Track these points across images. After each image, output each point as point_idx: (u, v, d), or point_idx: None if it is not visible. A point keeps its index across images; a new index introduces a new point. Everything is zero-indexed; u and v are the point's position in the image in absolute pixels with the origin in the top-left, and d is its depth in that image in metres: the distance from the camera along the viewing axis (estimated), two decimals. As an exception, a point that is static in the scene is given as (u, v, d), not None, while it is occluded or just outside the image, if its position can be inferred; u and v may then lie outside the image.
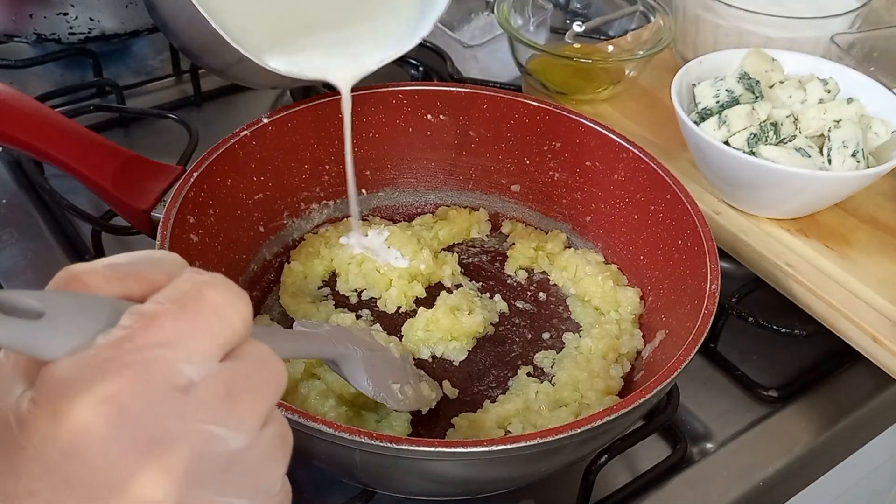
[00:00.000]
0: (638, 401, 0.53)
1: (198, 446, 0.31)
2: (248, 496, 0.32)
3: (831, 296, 0.72)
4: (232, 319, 0.32)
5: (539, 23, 0.99)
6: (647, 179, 0.74)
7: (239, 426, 0.32)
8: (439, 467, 0.53)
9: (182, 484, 0.30)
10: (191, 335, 0.31)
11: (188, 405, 0.31)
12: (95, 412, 0.29)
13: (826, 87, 0.81)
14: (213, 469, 0.31)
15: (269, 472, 0.34)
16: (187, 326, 0.31)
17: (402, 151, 0.82)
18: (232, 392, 0.32)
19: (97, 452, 0.29)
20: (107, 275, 0.33)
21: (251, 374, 0.33)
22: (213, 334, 0.32)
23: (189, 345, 0.31)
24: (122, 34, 1.00)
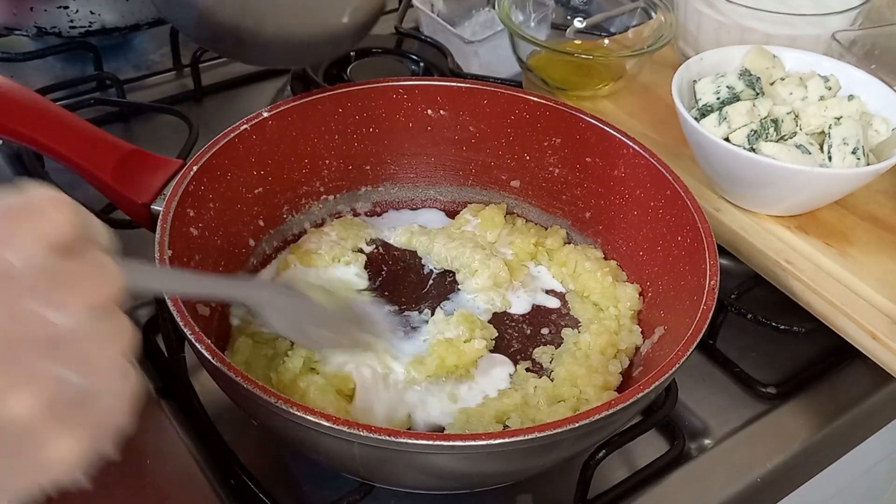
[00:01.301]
0: (636, 396, 0.53)
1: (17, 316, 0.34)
2: (79, 371, 0.36)
3: (830, 293, 0.72)
4: (56, 220, 0.36)
5: (540, 19, 0.99)
6: (648, 176, 0.74)
7: (62, 308, 0.36)
8: (437, 461, 0.53)
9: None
10: (15, 230, 0.36)
11: (10, 286, 0.35)
12: None
13: (827, 84, 0.81)
14: (33, 338, 0.35)
15: (101, 355, 0.37)
16: (11, 224, 0.36)
17: (402, 146, 0.82)
18: (57, 278, 0.36)
19: None
20: None
21: (80, 268, 0.37)
22: (37, 231, 0.36)
23: (13, 238, 0.36)
24: (123, 28, 1.00)
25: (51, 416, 0.35)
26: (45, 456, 0.35)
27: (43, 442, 0.35)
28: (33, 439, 0.35)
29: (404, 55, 1.07)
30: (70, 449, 0.36)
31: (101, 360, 0.37)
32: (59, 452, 0.35)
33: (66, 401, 0.36)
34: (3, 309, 0.34)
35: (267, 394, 0.51)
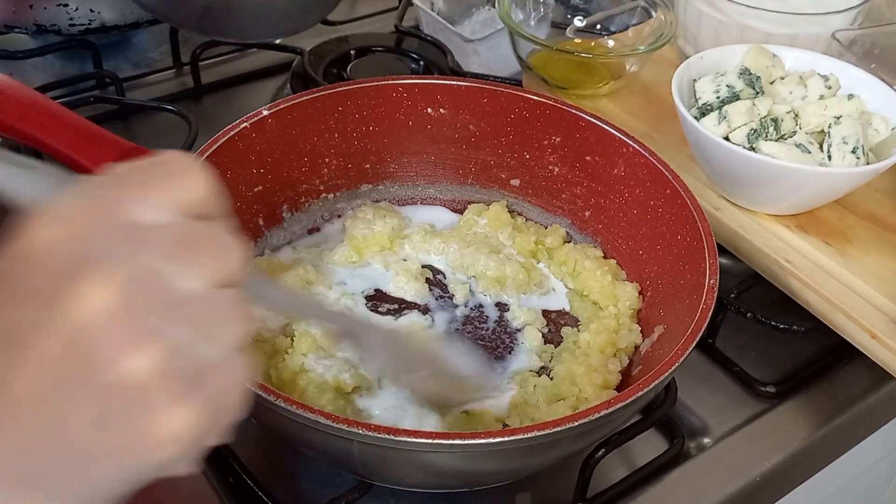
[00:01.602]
0: (635, 395, 0.53)
1: (141, 270, 0.33)
2: (195, 338, 0.34)
3: (830, 292, 0.72)
4: (192, 184, 0.36)
5: (540, 17, 0.99)
6: (647, 174, 0.74)
7: (188, 271, 0.34)
8: (436, 459, 0.53)
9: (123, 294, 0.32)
10: (150, 185, 0.35)
11: (141, 238, 0.34)
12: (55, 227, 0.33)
13: (827, 83, 0.80)
14: (160, 298, 0.33)
15: (219, 329, 0.35)
16: (148, 178, 0.35)
17: (402, 145, 0.82)
18: (188, 243, 0.35)
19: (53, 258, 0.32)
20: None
21: (209, 237, 0.35)
22: (173, 192, 0.35)
23: (148, 194, 0.35)
24: (122, 26, 1.00)
25: (167, 383, 0.33)
26: (155, 427, 0.33)
27: (155, 409, 0.33)
28: (146, 405, 0.33)
29: (404, 54, 1.06)
30: (182, 423, 0.33)
31: (222, 335, 0.35)
32: (171, 426, 0.33)
33: (184, 370, 0.33)
34: (131, 266, 0.33)
35: (266, 391, 0.51)
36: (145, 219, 0.34)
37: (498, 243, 0.78)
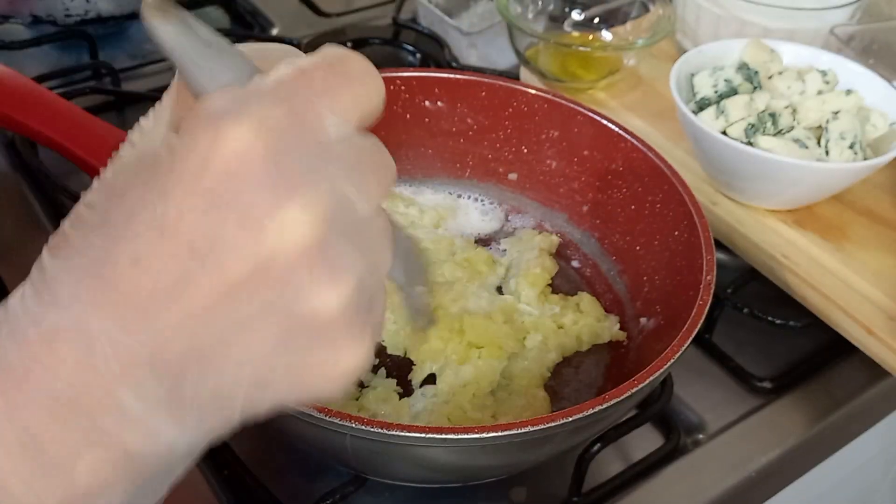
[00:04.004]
0: (630, 390, 0.53)
1: (336, 197, 0.31)
2: (368, 265, 0.32)
3: (826, 287, 0.72)
4: (371, 90, 0.33)
5: (538, 11, 0.98)
6: (645, 169, 0.73)
7: (365, 195, 0.32)
8: (430, 454, 0.53)
9: (324, 224, 0.30)
10: (338, 91, 0.32)
11: (330, 157, 0.31)
12: (257, 135, 0.29)
13: (825, 78, 0.80)
14: (345, 226, 0.31)
15: (381, 252, 0.34)
16: (336, 83, 0.32)
17: (399, 138, 0.82)
18: (362, 161, 0.32)
19: (253, 177, 0.29)
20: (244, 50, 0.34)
21: (375, 153, 0.33)
22: (356, 97, 0.32)
23: (336, 99, 0.32)
24: (119, 17, 0.99)
25: (351, 321, 0.31)
26: (333, 363, 0.32)
27: (337, 346, 0.32)
28: (330, 339, 0.31)
29: (401, 46, 1.06)
30: (357, 360, 0.32)
31: (383, 258, 0.34)
32: (347, 363, 0.32)
33: (363, 301, 0.32)
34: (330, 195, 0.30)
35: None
36: (334, 132, 0.32)
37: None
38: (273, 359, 0.31)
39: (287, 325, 0.31)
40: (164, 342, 0.30)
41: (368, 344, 0.33)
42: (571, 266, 0.79)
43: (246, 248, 0.29)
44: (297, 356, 0.31)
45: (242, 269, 0.29)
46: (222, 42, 0.32)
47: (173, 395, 0.30)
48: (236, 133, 0.29)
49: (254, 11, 1.14)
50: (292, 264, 0.30)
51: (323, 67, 0.32)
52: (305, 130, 0.31)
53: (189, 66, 0.32)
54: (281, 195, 0.29)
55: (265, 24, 1.12)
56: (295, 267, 0.30)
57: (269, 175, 0.29)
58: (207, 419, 0.32)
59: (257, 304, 0.30)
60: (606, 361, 0.71)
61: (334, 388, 0.33)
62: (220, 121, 0.30)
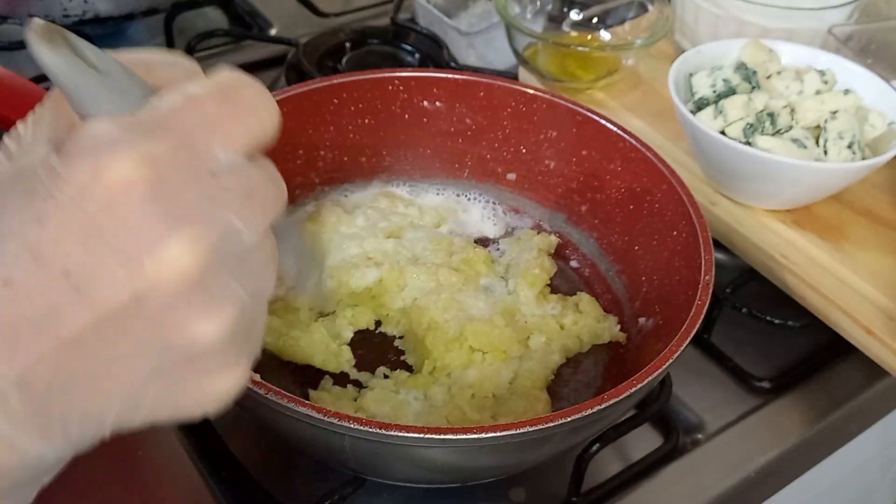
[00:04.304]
0: (629, 390, 0.53)
1: (221, 230, 0.31)
2: (251, 292, 0.33)
3: (825, 287, 0.72)
4: (265, 120, 0.33)
5: (536, 11, 0.98)
6: (644, 169, 0.73)
7: (253, 224, 0.32)
8: (428, 454, 0.53)
9: (207, 259, 0.30)
10: (230, 123, 0.32)
11: (217, 190, 0.31)
12: (138, 169, 0.29)
13: (823, 78, 0.80)
14: (231, 256, 0.31)
15: (266, 277, 0.34)
16: (228, 114, 0.32)
17: (398, 138, 0.82)
18: (252, 191, 0.32)
19: (134, 210, 0.29)
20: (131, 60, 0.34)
21: (267, 181, 0.33)
22: (249, 128, 0.33)
23: (227, 132, 0.32)
24: (117, 17, 0.99)
25: (228, 349, 0.32)
26: (209, 386, 0.32)
27: (213, 370, 0.32)
28: (205, 366, 0.32)
29: (400, 46, 1.06)
30: (231, 385, 0.33)
31: (267, 284, 0.34)
32: (225, 384, 0.33)
33: (243, 328, 0.32)
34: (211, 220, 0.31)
35: (256, 385, 0.51)
36: (224, 164, 0.32)
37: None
38: (145, 386, 0.31)
39: (161, 357, 0.31)
40: (33, 368, 0.29)
41: (244, 368, 0.33)
42: (570, 266, 0.79)
43: (122, 281, 0.29)
44: (171, 383, 0.32)
45: (117, 303, 0.29)
46: (112, 65, 0.32)
47: (41, 415, 0.30)
48: (119, 165, 0.29)
49: (252, 12, 1.14)
50: (170, 299, 0.30)
51: (215, 97, 0.32)
52: (193, 164, 0.31)
53: (75, 91, 0.32)
54: (162, 230, 0.29)
55: (264, 24, 1.12)
56: (173, 301, 0.30)
57: (150, 209, 0.29)
58: (76, 436, 0.32)
59: (131, 337, 0.30)
60: (605, 361, 0.71)
61: (208, 411, 0.33)
62: (104, 151, 0.29)
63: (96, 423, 0.32)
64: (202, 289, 0.30)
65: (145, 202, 0.29)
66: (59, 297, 0.29)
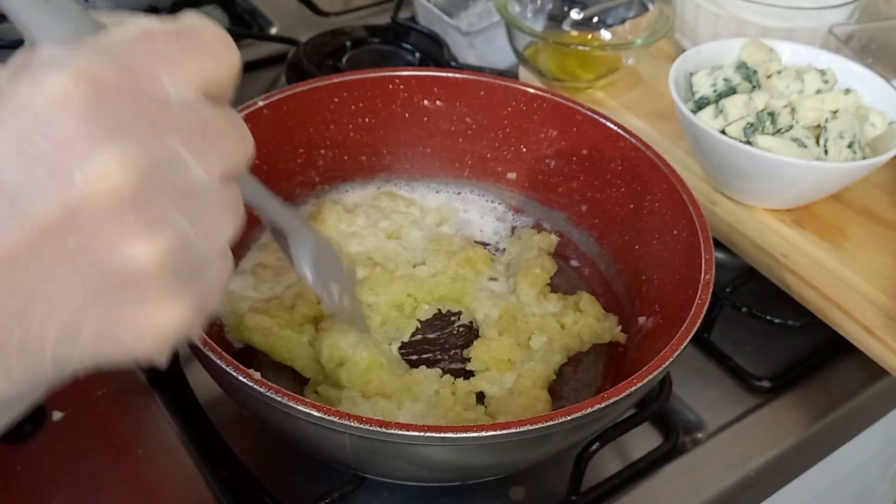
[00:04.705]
0: (629, 389, 0.53)
1: (163, 156, 0.31)
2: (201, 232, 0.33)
3: (825, 287, 0.72)
4: (221, 60, 0.34)
5: (537, 10, 0.99)
6: (644, 169, 0.73)
7: (206, 162, 0.32)
8: (428, 452, 0.53)
9: (141, 178, 0.30)
10: (181, 57, 0.32)
11: (160, 115, 0.31)
12: (75, 85, 0.30)
13: (823, 77, 0.80)
14: (174, 187, 0.31)
15: (223, 224, 0.34)
16: (180, 48, 0.32)
17: (398, 137, 0.82)
18: (205, 129, 0.33)
19: (67, 123, 0.29)
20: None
21: (225, 125, 0.34)
22: (202, 66, 0.33)
23: (178, 64, 0.32)
24: (118, 16, 0.99)
25: (165, 276, 0.31)
26: (145, 318, 0.32)
27: (149, 301, 0.32)
28: (140, 295, 0.31)
29: (400, 46, 1.06)
30: (171, 319, 0.32)
31: (221, 231, 0.34)
32: (160, 320, 0.32)
33: (184, 262, 0.32)
34: (153, 149, 0.31)
35: (257, 383, 0.51)
36: (171, 96, 0.32)
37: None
38: (82, 312, 0.31)
39: (96, 276, 0.30)
40: None
41: (188, 308, 0.32)
42: (570, 265, 0.79)
43: (54, 192, 0.29)
44: (108, 309, 0.31)
45: (50, 216, 0.29)
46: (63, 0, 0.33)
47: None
48: (55, 81, 0.29)
49: (253, 11, 1.14)
50: (102, 212, 0.30)
51: (170, 33, 0.32)
52: (134, 87, 0.31)
53: (24, 19, 0.32)
54: (94, 143, 0.29)
55: (264, 23, 1.13)
56: (104, 215, 0.30)
57: (83, 123, 0.29)
58: (16, 370, 0.31)
59: (65, 255, 0.30)
60: (605, 360, 0.71)
61: (148, 347, 0.33)
62: (43, 68, 0.30)
63: (35, 352, 0.31)
64: (136, 209, 0.30)
65: (79, 116, 0.29)
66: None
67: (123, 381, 0.68)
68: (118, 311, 0.31)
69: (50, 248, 0.30)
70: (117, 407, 0.66)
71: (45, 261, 0.30)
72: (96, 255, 0.30)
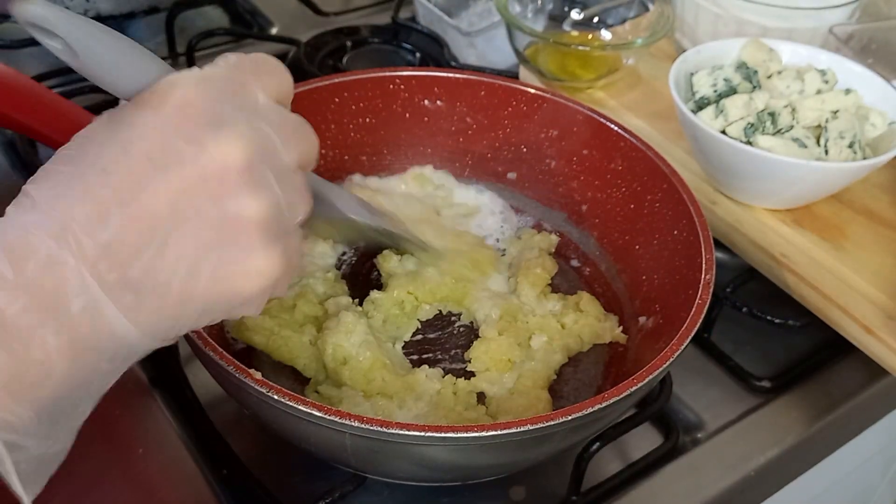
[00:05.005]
0: (629, 389, 0.53)
1: (262, 139, 0.41)
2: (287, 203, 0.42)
3: (825, 287, 0.72)
4: (286, 78, 0.44)
5: (537, 10, 0.99)
6: (644, 169, 0.73)
7: (288, 147, 0.42)
8: (429, 452, 0.53)
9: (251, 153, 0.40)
10: (262, 75, 0.43)
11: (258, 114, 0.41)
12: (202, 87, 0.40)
13: (824, 77, 0.80)
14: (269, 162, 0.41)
15: (299, 201, 0.43)
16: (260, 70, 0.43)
17: (398, 137, 0.82)
18: (286, 125, 0.43)
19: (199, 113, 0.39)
20: None
21: (299, 125, 0.44)
22: (278, 82, 0.43)
23: (262, 81, 0.42)
24: (118, 16, 0.99)
25: (267, 229, 0.40)
26: (252, 261, 0.40)
27: (254, 248, 0.40)
28: (248, 242, 0.40)
29: (400, 45, 1.06)
30: (269, 266, 0.41)
31: (299, 205, 0.43)
32: (264, 263, 0.41)
33: (279, 223, 0.41)
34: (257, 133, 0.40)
35: (258, 383, 0.51)
36: (262, 101, 0.42)
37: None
38: (204, 254, 0.39)
39: (216, 225, 0.39)
40: (121, 232, 0.38)
41: (281, 260, 0.41)
42: (570, 265, 0.79)
43: (190, 158, 0.39)
44: (222, 253, 0.40)
45: (188, 175, 0.38)
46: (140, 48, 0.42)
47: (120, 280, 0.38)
48: (186, 83, 0.40)
49: (253, 11, 1.14)
50: (226, 175, 0.39)
51: (250, 60, 0.43)
52: (238, 93, 0.41)
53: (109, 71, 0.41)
54: (218, 126, 0.39)
55: (264, 23, 1.13)
56: (227, 177, 0.39)
57: (209, 113, 0.39)
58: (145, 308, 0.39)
59: (196, 206, 0.39)
60: (605, 360, 0.71)
61: (251, 288, 0.41)
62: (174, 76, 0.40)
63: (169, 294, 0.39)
64: (248, 175, 0.39)
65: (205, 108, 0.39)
66: (143, 175, 0.38)
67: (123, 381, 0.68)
68: (230, 255, 0.40)
69: (186, 204, 0.38)
70: (117, 406, 0.66)
71: (182, 214, 0.38)
72: (217, 208, 0.39)
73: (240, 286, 0.41)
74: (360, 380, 0.64)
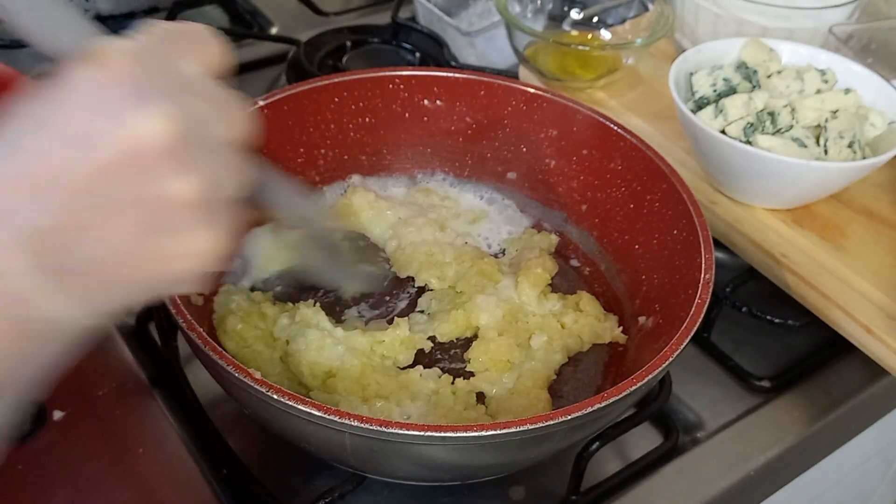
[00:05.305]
0: (629, 389, 0.53)
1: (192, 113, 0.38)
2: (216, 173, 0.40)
3: (825, 286, 0.72)
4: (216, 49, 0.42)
5: (537, 9, 0.99)
6: (644, 168, 0.73)
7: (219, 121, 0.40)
8: (428, 452, 0.53)
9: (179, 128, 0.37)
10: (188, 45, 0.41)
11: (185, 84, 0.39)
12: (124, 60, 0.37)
13: (823, 77, 0.80)
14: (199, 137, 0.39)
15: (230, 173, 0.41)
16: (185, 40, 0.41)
17: (398, 137, 0.82)
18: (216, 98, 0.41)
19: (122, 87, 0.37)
20: None
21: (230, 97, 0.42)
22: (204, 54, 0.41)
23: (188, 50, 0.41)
24: (118, 16, 0.99)
25: (203, 209, 0.39)
26: (187, 241, 0.39)
27: (188, 228, 0.39)
28: (181, 222, 0.38)
29: (400, 45, 1.06)
30: (207, 241, 0.39)
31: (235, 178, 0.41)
32: (199, 242, 0.39)
33: (209, 201, 0.39)
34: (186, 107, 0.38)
35: (257, 383, 0.51)
36: (190, 72, 0.40)
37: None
38: (136, 237, 0.38)
39: (146, 207, 0.38)
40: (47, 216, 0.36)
41: (217, 237, 0.40)
42: (570, 265, 0.79)
43: (112, 137, 0.37)
44: (158, 236, 0.38)
45: (110, 155, 0.37)
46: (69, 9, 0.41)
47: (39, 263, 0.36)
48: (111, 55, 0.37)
49: (253, 11, 1.14)
50: (151, 154, 0.37)
51: (181, 31, 0.41)
52: (164, 64, 0.39)
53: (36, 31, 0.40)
54: (142, 101, 0.37)
55: (264, 23, 1.13)
56: (153, 157, 0.37)
57: (133, 87, 0.37)
58: (80, 291, 0.38)
59: (124, 189, 0.37)
60: (605, 360, 0.71)
61: (192, 267, 0.40)
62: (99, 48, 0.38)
63: (99, 276, 0.38)
64: (175, 153, 0.37)
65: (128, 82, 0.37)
66: (66, 154, 0.36)
67: (124, 381, 0.68)
68: (167, 237, 0.38)
69: (112, 183, 0.37)
70: (117, 406, 0.66)
71: (109, 194, 0.37)
72: (146, 190, 0.37)
73: (173, 267, 0.40)
74: (354, 386, 0.64)
